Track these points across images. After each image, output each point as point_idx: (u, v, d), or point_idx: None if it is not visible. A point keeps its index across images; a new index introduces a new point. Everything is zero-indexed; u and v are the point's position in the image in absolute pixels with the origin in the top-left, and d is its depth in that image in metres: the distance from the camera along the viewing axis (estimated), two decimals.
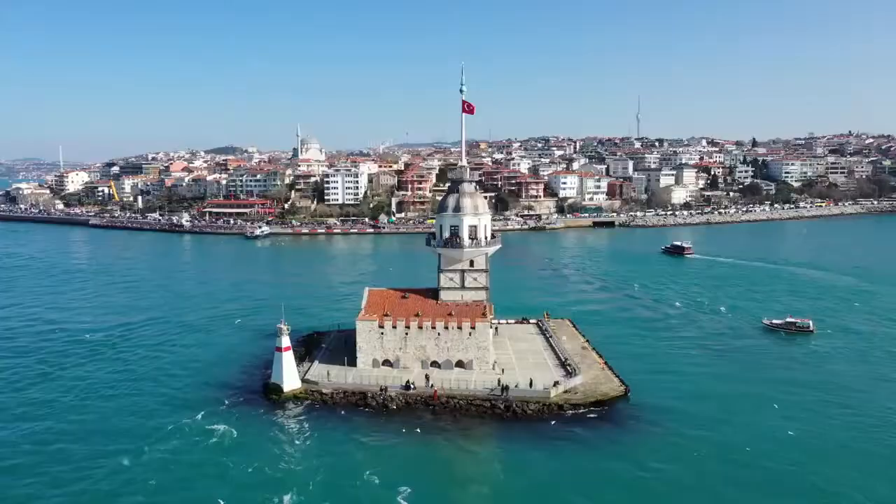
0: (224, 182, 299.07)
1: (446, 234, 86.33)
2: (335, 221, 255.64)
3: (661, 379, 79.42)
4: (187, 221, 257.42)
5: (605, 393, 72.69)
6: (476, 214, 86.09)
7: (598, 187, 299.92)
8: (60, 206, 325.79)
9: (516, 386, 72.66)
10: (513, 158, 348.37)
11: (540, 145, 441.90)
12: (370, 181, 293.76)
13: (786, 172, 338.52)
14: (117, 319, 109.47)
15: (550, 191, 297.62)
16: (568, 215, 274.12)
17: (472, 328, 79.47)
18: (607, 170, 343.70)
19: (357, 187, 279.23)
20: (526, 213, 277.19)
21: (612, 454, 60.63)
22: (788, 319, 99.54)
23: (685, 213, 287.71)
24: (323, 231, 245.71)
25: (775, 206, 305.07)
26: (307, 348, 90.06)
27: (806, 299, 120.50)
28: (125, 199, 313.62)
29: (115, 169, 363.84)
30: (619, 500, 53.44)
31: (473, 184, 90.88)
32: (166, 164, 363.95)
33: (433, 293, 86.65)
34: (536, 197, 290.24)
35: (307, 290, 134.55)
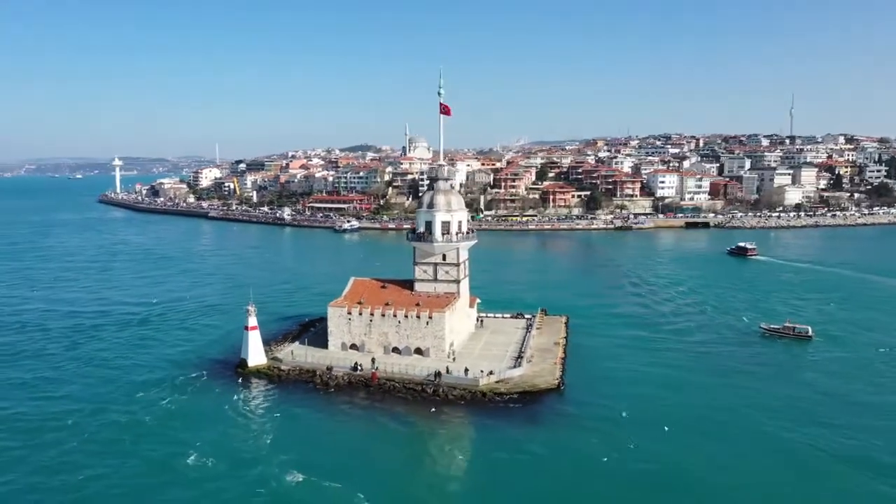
0: (331, 179, 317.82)
1: (421, 229, 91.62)
2: None
3: (618, 376, 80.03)
4: (288, 215, 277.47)
5: (535, 385, 74.99)
6: (449, 211, 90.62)
7: (700, 187, 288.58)
8: (191, 199, 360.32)
9: (448, 372, 76.59)
10: (616, 157, 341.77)
11: (659, 143, 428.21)
12: (467, 178, 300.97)
13: None
14: (168, 299, 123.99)
15: (648, 190, 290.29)
16: (660, 215, 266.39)
17: (430, 318, 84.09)
18: (721, 168, 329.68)
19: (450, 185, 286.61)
20: (618, 212, 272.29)
21: (507, 436, 63.90)
22: (786, 324, 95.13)
23: (790, 214, 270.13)
24: (408, 227, 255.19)
25: None
26: (302, 330, 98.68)
27: (852, 308, 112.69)
28: (245, 194, 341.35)
29: (242, 166, 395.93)
30: (492, 477, 57.02)
31: (450, 182, 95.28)
32: (287, 162, 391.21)
33: (410, 284, 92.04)
34: (632, 196, 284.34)
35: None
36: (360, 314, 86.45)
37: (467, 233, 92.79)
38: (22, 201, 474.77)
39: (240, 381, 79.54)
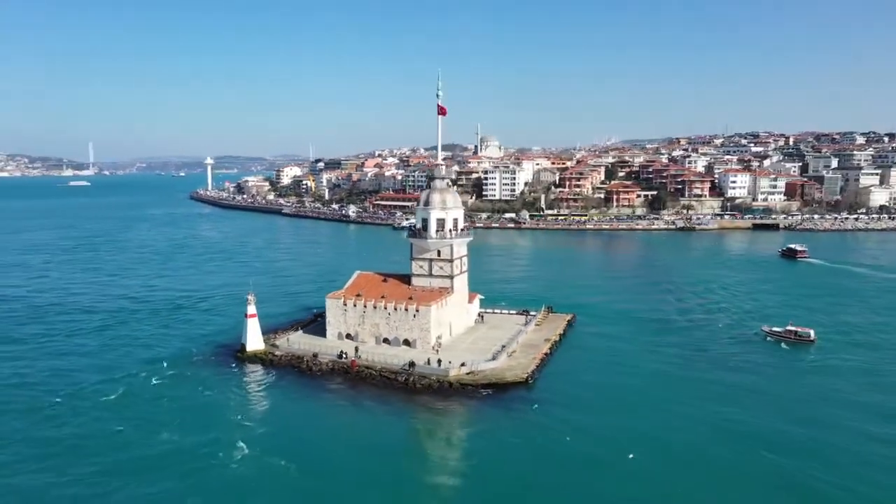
0: (399, 177, 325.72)
1: (418, 226, 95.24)
2: (483, 216, 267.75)
3: (598, 374, 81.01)
4: (353, 212, 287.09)
5: (503, 378, 77.21)
6: (444, 209, 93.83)
7: (775, 187, 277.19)
8: (271, 196, 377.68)
9: (428, 363, 79.90)
10: (689, 156, 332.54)
11: (745, 141, 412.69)
12: (533, 177, 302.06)
13: None
14: (207, 287, 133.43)
15: (719, 190, 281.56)
16: (726, 216, 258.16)
17: (417, 311, 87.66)
18: (805, 168, 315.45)
19: (514, 184, 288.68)
20: (684, 212, 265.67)
21: (465, 422, 67.91)
22: (789, 327, 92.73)
23: (870, 217, 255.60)
24: (466, 225, 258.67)
25: None
26: (312, 320, 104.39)
27: (880, 313, 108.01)
28: (319, 192, 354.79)
29: (320, 164, 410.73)
30: (437, 456, 61.53)
31: (447, 181, 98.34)
32: (363, 161, 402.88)
33: (409, 279, 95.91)
34: (700, 196, 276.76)
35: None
36: (355, 305, 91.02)
37: (462, 230, 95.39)
38: (123, 198, 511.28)
39: (236, 364, 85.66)
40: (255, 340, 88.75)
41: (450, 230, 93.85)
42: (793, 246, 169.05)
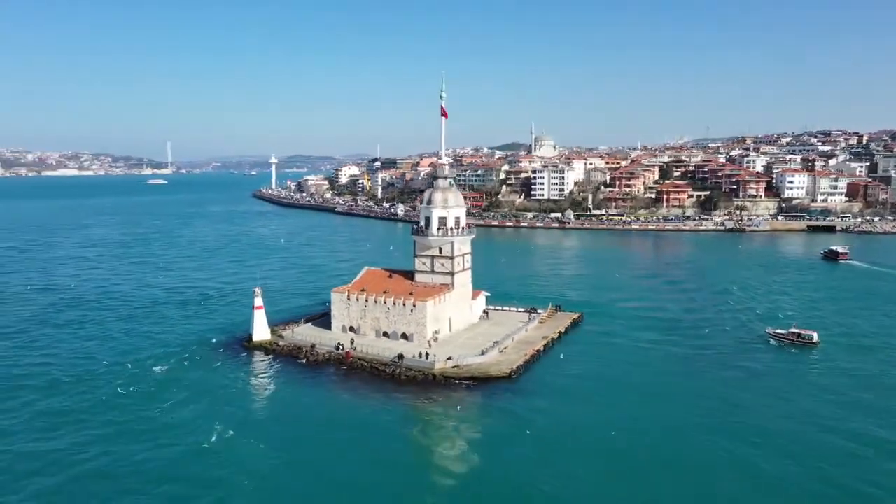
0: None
1: (422, 224, 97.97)
2: (529, 215, 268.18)
3: (588, 372, 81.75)
4: (401, 211, 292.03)
5: (487, 372, 79.22)
6: (445, 207, 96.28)
7: (835, 188, 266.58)
8: (328, 195, 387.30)
9: (416, 356, 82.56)
10: (748, 155, 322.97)
11: (814, 140, 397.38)
12: (586, 176, 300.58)
13: None
14: (240, 280, 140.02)
15: (776, 191, 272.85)
16: (779, 217, 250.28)
17: (414, 306, 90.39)
18: (874, 168, 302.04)
19: (563, 183, 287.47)
20: (736, 213, 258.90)
21: (433, 412, 70.24)
22: (792, 330, 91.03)
23: None
24: (511, 224, 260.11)
25: None
26: (324, 313, 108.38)
27: None
28: (374, 191, 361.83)
29: (377, 164, 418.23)
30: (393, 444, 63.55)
31: (449, 180, 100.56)
32: (418, 160, 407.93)
33: (413, 275, 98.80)
34: (755, 197, 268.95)
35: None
36: (357, 300, 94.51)
37: (463, 229, 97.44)
38: (191, 195, 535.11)
39: (243, 353, 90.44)
40: (261, 331, 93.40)
41: (451, 228, 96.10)
42: (835, 248, 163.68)
